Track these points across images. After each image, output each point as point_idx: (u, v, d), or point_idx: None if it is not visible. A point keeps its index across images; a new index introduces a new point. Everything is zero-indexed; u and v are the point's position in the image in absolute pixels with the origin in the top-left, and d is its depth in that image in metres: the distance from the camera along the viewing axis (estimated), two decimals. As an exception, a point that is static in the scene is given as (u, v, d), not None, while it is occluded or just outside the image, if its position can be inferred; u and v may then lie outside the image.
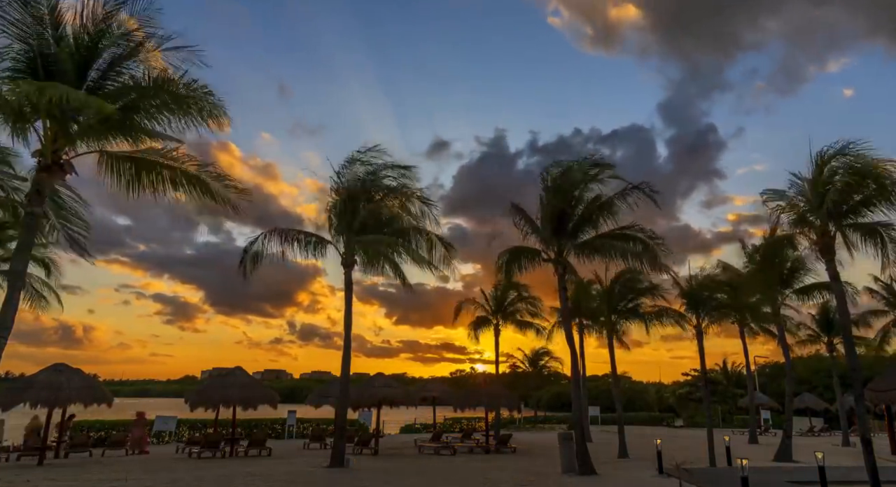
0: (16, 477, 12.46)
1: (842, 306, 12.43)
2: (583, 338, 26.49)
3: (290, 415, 28.28)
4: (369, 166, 16.86)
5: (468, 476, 13.86)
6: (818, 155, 12.00)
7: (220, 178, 11.24)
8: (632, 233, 15.65)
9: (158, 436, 24.17)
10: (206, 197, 11.04)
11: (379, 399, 21.25)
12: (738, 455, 12.74)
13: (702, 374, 19.17)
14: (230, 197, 11.32)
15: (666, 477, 13.46)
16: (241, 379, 19.11)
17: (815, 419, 37.90)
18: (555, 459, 15.26)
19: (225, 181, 11.27)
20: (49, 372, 16.69)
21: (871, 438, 11.06)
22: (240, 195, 11.43)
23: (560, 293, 16.13)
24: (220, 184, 11.22)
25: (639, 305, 21.26)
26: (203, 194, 11.02)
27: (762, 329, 26.62)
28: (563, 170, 15.61)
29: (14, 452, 17.23)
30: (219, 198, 11.16)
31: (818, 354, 36.22)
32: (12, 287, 8.83)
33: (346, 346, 16.22)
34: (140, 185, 10.68)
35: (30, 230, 9.28)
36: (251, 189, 11.81)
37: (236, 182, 11.43)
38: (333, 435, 16.28)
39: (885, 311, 27.41)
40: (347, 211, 16.64)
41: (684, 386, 51.03)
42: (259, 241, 16.31)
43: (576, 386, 16.08)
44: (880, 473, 10.51)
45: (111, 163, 10.51)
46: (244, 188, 11.48)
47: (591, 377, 41.31)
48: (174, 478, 12.49)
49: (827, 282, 17.62)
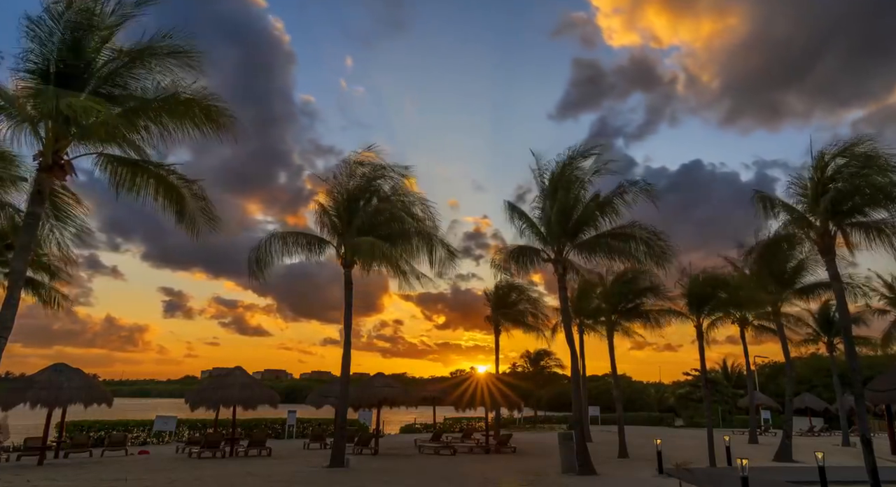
0: (16, 477, 12.46)
1: (842, 306, 12.44)
2: (583, 338, 26.51)
3: (290, 415, 28.27)
4: (367, 167, 16.88)
5: (468, 476, 13.86)
6: (819, 153, 12.02)
7: (200, 199, 11.19)
8: (632, 231, 15.65)
9: (158, 436, 24.17)
10: (176, 214, 10.99)
11: (379, 399, 21.26)
12: (738, 455, 12.74)
13: (702, 374, 19.17)
14: (197, 220, 11.22)
15: (666, 477, 13.47)
16: (241, 379, 19.10)
17: (815, 419, 37.89)
18: (555, 459, 15.26)
19: (202, 203, 11.21)
20: (49, 371, 16.70)
21: (871, 438, 11.06)
22: (209, 222, 11.35)
23: (560, 293, 16.15)
24: (197, 203, 11.17)
25: (639, 305, 21.25)
26: (175, 209, 10.97)
27: (763, 328, 26.61)
28: (562, 168, 15.62)
29: (14, 452, 17.23)
30: (185, 218, 11.06)
31: (818, 354, 36.27)
32: (12, 287, 8.84)
33: (346, 346, 16.22)
34: (131, 188, 10.66)
35: (30, 230, 9.29)
36: (220, 221, 11.58)
37: (212, 208, 11.35)
38: (333, 435, 16.29)
39: (887, 311, 27.37)
40: (346, 213, 16.65)
41: (684, 386, 51.06)
42: (262, 246, 16.38)
43: (576, 386, 16.08)
44: (880, 473, 10.51)
45: (108, 164, 10.53)
46: (215, 217, 11.36)
47: (591, 377, 41.27)
48: (174, 478, 12.49)
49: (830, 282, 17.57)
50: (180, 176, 10.95)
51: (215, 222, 11.45)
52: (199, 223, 11.25)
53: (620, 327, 22.45)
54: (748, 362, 29.12)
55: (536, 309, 27.97)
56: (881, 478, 10.44)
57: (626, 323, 22.36)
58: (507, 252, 17.06)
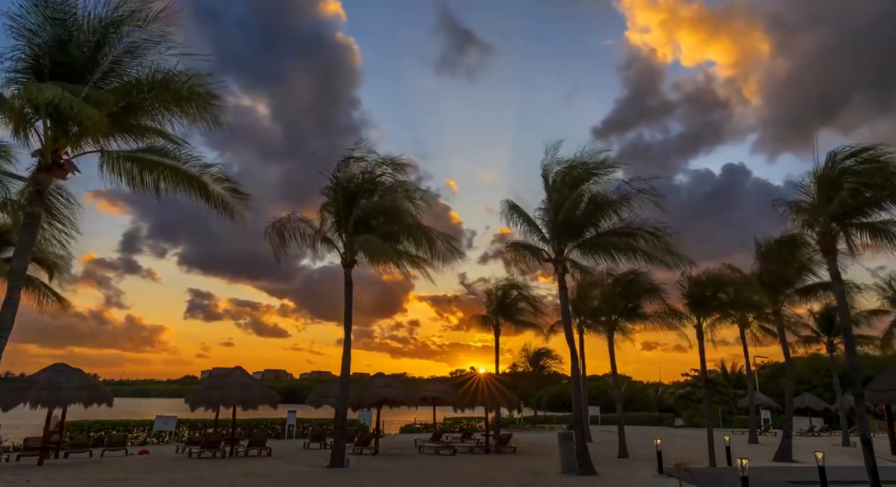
0: (15, 477, 12.45)
1: (842, 306, 12.44)
2: (583, 338, 26.48)
3: (290, 415, 28.27)
4: (364, 163, 16.85)
5: (468, 476, 13.85)
6: (830, 155, 12.03)
7: (222, 181, 11.21)
8: (635, 230, 15.61)
9: (158, 436, 24.17)
10: (202, 199, 11.01)
11: (379, 399, 21.25)
12: (738, 455, 12.72)
13: (702, 374, 19.16)
14: (228, 201, 11.28)
15: (666, 477, 13.46)
16: (241, 379, 19.09)
17: (815, 419, 37.89)
18: (555, 459, 15.25)
19: (226, 184, 11.24)
20: (49, 372, 16.70)
21: (871, 438, 11.06)
22: (240, 200, 11.40)
23: (560, 293, 16.14)
24: (220, 186, 11.18)
25: (640, 305, 21.24)
26: (200, 196, 10.99)
27: (764, 329, 26.59)
28: (567, 168, 15.60)
29: (14, 452, 17.23)
30: (215, 201, 11.10)
31: (818, 354, 36.24)
32: (12, 287, 8.83)
33: (346, 346, 16.21)
34: (143, 184, 10.69)
35: (30, 230, 9.28)
36: (250, 195, 11.68)
37: (237, 185, 11.39)
38: (333, 435, 16.28)
39: (887, 311, 27.37)
40: (344, 210, 16.63)
41: (684, 386, 51.07)
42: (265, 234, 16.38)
43: (576, 386, 16.07)
44: (880, 473, 10.51)
45: (112, 162, 10.51)
46: (245, 193, 11.43)
47: (591, 377, 41.23)
48: (174, 478, 12.49)
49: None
50: (195, 163, 10.92)
51: (245, 200, 11.46)
52: (230, 204, 11.25)
53: (619, 328, 22.41)
54: (748, 362, 29.12)
55: (536, 308, 27.96)
56: (881, 478, 10.44)
57: (627, 323, 22.33)
58: (507, 249, 17.09)
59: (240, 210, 11.52)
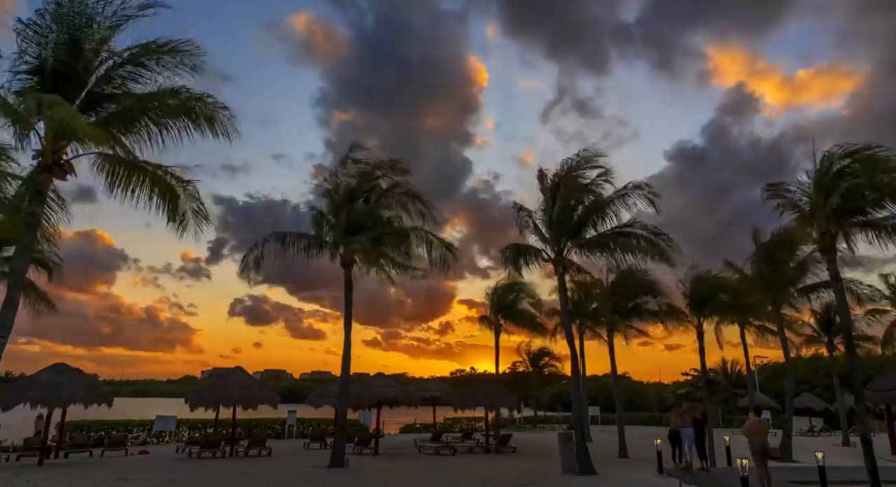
0: (16, 477, 12.46)
1: (842, 306, 12.44)
2: (583, 338, 26.47)
3: (290, 415, 28.26)
4: (361, 165, 16.85)
5: (468, 476, 13.86)
6: (825, 154, 12.01)
7: (193, 199, 11.01)
8: (633, 230, 15.61)
9: (159, 436, 24.17)
10: (168, 212, 10.81)
11: (379, 399, 21.24)
12: (738, 455, 12.73)
13: (702, 374, 19.17)
14: (189, 219, 11.06)
15: (666, 477, 13.47)
16: (240, 379, 19.10)
17: (815, 419, 37.86)
18: (555, 459, 15.25)
19: (195, 203, 11.03)
20: (49, 372, 16.70)
21: (871, 438, 11.06)
22: (200, 222, 11.17)
23: (560, 293, 16.13)
24: (190, 203, 11.03)
25: (640, 305, 21.23)
26: (168, 209, 10.82)
27: (764, 329, 26.56)
28: (565, 170, 15.61)
29: (14, 452, 17.23)
30: (178, 216, 10.92)
31: (818, 354, 36.22)
32: (13, 287, 8.83)
33: (346, 346, 16.20)
34: (126, 187, 10.55)
35: (30, 230, 9.27)
36: (211, 219, 11.44)
37: (204, 211, 11.15)
38: (333, 435, 16.28)
39: (887, 310, 27.34)
40: (342, 212, 16.62)
41: (684, 386, 51.08)
42: (259, 247, 16.36)
43: (576, 386, 16.09)
44: (880, 473, 10.51)
45: (105, 164, 10.47)
46: (206, 218, 11.21)
47: (591, 377, 41.20)
48: (174, 478, 12.49)
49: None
50: (176, 176, 10.87)
51: (205, 222, 11.29)
52: (189, 222, 11.15)
53: (619, 328, 22.40)
54: (748, 362, 29.08)
55: (536, 308, 27.96)
56: (881, 478, 10.45)
57: (627, 323, 22.32)
58: (506, 250, 17.04)
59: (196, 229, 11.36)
